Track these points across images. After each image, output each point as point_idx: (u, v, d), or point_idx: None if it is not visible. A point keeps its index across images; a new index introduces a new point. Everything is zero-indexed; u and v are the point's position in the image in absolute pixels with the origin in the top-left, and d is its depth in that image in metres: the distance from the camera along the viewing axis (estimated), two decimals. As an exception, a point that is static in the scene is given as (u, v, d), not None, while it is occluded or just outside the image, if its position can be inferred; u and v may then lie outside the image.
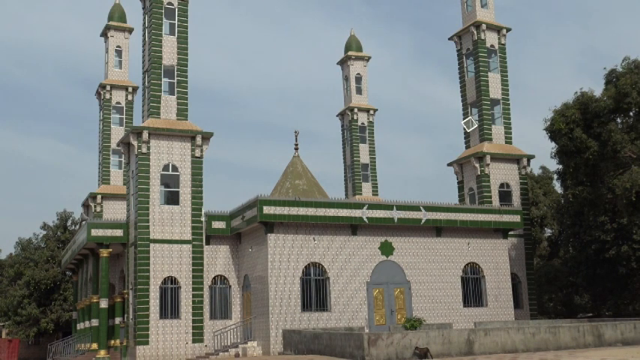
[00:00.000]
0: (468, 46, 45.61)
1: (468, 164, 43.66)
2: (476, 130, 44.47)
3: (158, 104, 36.87)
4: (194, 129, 36.76)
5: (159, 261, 35.09)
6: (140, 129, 35.90)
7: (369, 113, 55.34)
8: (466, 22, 45.91)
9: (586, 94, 39.61)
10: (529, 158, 44.10)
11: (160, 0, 37.63)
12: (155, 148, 35.97)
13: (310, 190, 45.21)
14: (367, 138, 55.04)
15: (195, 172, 36.55)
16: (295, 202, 34.66)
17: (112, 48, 51.10)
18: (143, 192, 35.40)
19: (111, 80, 50.63)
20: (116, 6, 52.33)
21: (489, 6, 45.89)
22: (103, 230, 37.72)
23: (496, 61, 45.26)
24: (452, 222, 37.74)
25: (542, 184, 55.62)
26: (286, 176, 47.39)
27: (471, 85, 45.22)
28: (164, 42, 37.55)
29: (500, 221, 39.25)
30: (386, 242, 36.57)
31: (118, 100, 50.44)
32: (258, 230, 34.99)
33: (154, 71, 37.03)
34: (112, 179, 49.20)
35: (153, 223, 35.33)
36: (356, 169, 53.91)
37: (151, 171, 35.69)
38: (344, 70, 56.73)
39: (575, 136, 38.60)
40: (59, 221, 62.72)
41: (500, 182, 43.17)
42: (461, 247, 38.34)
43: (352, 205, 36.64)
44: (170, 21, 38.04)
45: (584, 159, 38.70)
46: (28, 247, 62.76)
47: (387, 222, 36.27)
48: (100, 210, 47.28)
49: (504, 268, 39.32)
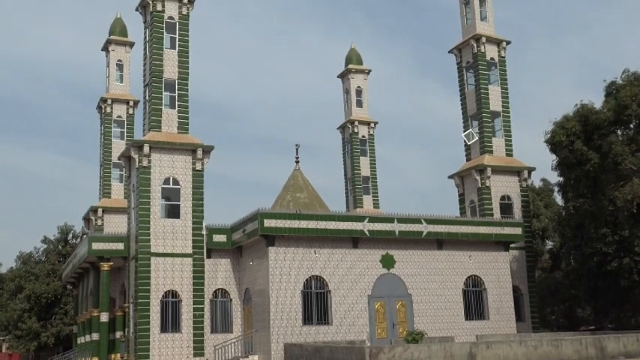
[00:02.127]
0: (468, 59, 45.72)
1: (469, 177, 43.64)
2: (476, 143, 44.49)
3: (159, 118, 36.93)
4: (195, 142, 36.79)
5: (160, 274, 35.02)
6: (141, 142, 35.94)
7: (370, 126, 55.39)
8: (466, 35, 46.05)
9: (586, 106, 39.64)
10: (530, 170, 44.09)
11: (160, 14, 37.79)
12: (156, 162, 35.99)
13: (311, 203, 45.20)
14: (368, 151, 55.08)
15: (196, 186, 36.54)
16: (296, 215, 34.63)
17: (113, 62, 51.27)
18: (144, 205, 35.39)
19: (112, 94, 50.77)
20: (117, 20, 52.53)
21: (489, 19, 46.04)
22: (103, 244, 37.69)
23: (496, 73, 45.35)
24: (453, 235, 37.68)
25: (543, 196, 55.54)
26: (287, 189, 47.41)
27: (471, 98, 45.29)
28: (165, 56, 37.67)
29: (502, 234, 39.17)
30: (387, 255, 36.50)
31: (119, 114, 50.53)
32: (259, 243, 34.94)
33: (154, 85, 37.12)
34: (113, 193, 49.21)
35: (154, 236, 35.29)
36: (357, 181, 53.90)
37: (151, 184, 35.70)
38: (344, 83, 56.86)
39: (575, 149, 38.58)
40: (60, 235, 62.67)
41: (501, 195, 43.12)
42: (462, 260, 38.25)
43: (353, 217, 36.60)
44: (171, 35, 38.17)
45: (584, 171, 38.66)
46: (29, 261, 62.67)
47: (388, 235, 36.22)
48: (100, 223, 47.26)
49: (506, 281, 39.20)
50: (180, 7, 38.25)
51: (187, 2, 38.33)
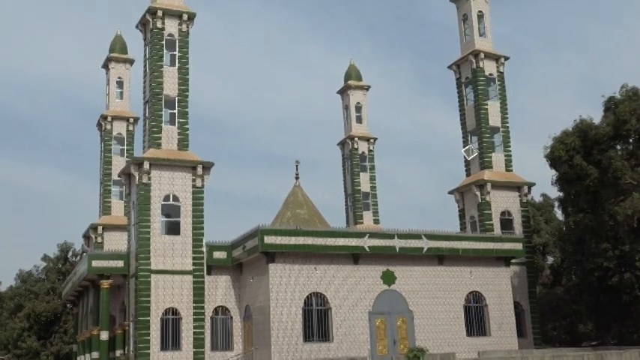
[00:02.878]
0: (467, 74, 45.85)
1: (469, 192, 43.62)
2: (476, 158, 44.51)
3: (159, 135, 36.97)
4: (195, 159, 36.81)
5: (160, 292, 34.89)
6: (141, 159, 35.96)
7: (370, 142, 55.43)
8: (465, 51, 46.22)
9: (585, 121, 39.71)
10: (530, 186, 44.08)
11: (160, 32, 37.95)
12: (156, 179, 35.99)
13: (311, 220, 45.14)
14: (368, 167, 55.08)
15: (196, 202, 36.51)
16: (296, 232, 34.57)
17: (113, 79, 51.40)
18: (144, 222, 35.34)
19: (112, 111, 50.86)
20: (117, 38, 52.74)
21: (487, 35, 46.21)
22: (103, 261, 37.58)
23: (495, 89, 45.46)
24: (454, 250, 37.60)
25: (544, 211, 55.48)
26: (287, 206, 47.37)
27: (470, 113, 45.37)
28: (165, 73, 37.78)
29: (502, 249, 39.10)
30: (388, 271, 36.39)
31: (119, 131, 50.58)
32: (259, 260, 34.85)
33: (154, 102, 37.20)
34: (113, 210, 49.12)
35: (154, 253, 35.21)
36: (357, 197, 53.85)
37: (151, 201, 35.67)
38: (344, 99, 56.97)
39: (575, 164, 38.59)
40: (60, 253, 62.53)
41: (501, 210, 43.07)
42: (463, 276, 38.13)
43: (353, 234, 36.54)
44: (171, 52, 38.32)
45: (584, 186, 38.64)
46: (29, 279, 62.50)
47: (389, 251, 36.14)
48: (100, 241, 47.13)
49: (507, 297, 39.07)
50: (180, 25, 38.42)
51: (187, 19, 38.50)
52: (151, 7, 38.04)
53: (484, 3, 46.55)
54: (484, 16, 46.31)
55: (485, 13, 46.40)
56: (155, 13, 37.88)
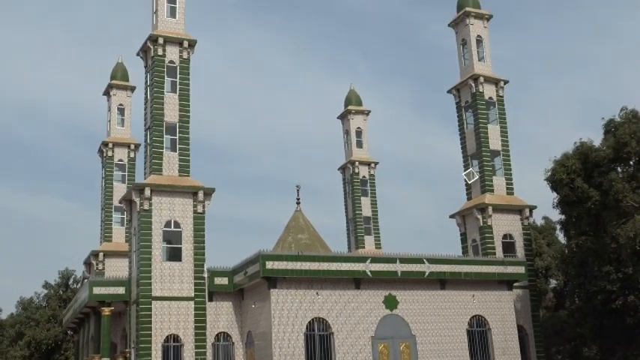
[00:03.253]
0: (466, 98, 46.04)
1: (471, 216, 43.57)
2: (477, 182, 44.52)
3: (160, 161, 37.05)
4: (196, 185, 36.86)
5: (161, 319, 34.72)
6: (142, 186, 36.01)
7: (370, 166, 55.54)
8: (464, 75, 46.45)
9: (585, 144, 39.78)
10: (531, 209, 44.03)
11: (161, 58, 38.20)
12: (157, 205, 35.99)
13: (313, 244, 45.08)
14: (369, 191, 55.10)
15: (198, 228, 36.47)
16: (298, 257, 34.50)
17: (115, 106, 51.69)
18: (145, 249, 35.28)
19: (113, 138, 51.05)
20: (119, 65, 53.12)
21: (486, 59, 46.47)
22: (104, 288, 37.44)
23: (495, 112, 45.60)
24: (456, 274, 37.47)
25: (546, 234, 55.37)
26: (289, 230, 47.33)
27: (470, 137, 45.47)
28: (166, 99, 37.96)
29: (505, 273, 38.97)
30: (390, 296, 36.23)
31: (121, 158, 50.74)
32: (261, 286, 34.72)
33: (155, 128, 37.33)
34: (115, 236, 49.10)
35: (155, 280, 35.10)
36: (358, 222, 53.80)
37: (152, 227, 35.64)
38: (344, 124, 57.19)
39: (576, 186, 38.58)
40: (61, 279, 62.43)
41: (503, 233, 42.97)
42: (466, 300, 37.96)
43: (355, 258, 36.45)
44: (172, 79, 38.52)
45: (586, 209, 38.59)
46: (30, 307, 62.28)
47: (391, 275, 36.02)
48: (102, 267, 47.06)
49: (510, 321, 38.84)
50: (180, 52, 38.68)
51: (188, 46, 38.77)
52: (152, 35, 38.33)
53: (482, 28, 46.89)
54: (483, 40, 46.62)
55: (484, 37, 46.73)
56: (156, 41, 38.17)
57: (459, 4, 47.57)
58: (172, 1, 39.43)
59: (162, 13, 39.06)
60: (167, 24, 38.98)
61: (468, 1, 46.99)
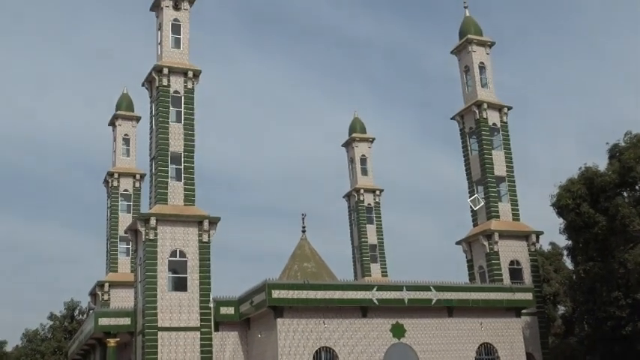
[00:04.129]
0: (470, 125, 46.11)
1: (477, 242, 43.37)
2: (483, 208, 44.38)
3: (165, 191, 37.09)
4: (201, 214, 36.83)
5: (167, 349, 34.46)
6: (147, 215, 36.00)
7: (375, 194, 55.54)
8: (467, 101, 46.58)
9: (590, 169, 39.75)
10: (538, 234, 43.80)
11: (166, 89, 38.44)
12: (162, 234, 35.94)
13: (319, 273, 44.89)
14: (374, 218, 55.02)
15: (203, 258, 36.37)
16: (304, 286, 34.30)
17: (120, 136, 51.94)
18: (151, 279, 35.16)
19: (119, 168, 51.23)
20: (124, 96, 53.50)
21: (489, 86, 46.64)
22: (110, 319, 37.22)
23: (499, 138, 45.63)
24: (463, 302, 37.18)
25: (553, 260, 55.04)
26: (294, 259, 47.17)
27: (475, 163, 45.44)
28: (171, 129, 38.11)
29: (513, 299, 38.66)
30: (397, 324, 35.94)
31: (126, 188, 50.84)
32: (267, 315, 34.50)
33: (160, 158, 37.43)
34: (120, 267, 49.01)
35: (161, 310, 34.91)
36: (364, 250, 53.62)
37: (158, 257, 35.55)
38: (349, 152, 57.31)
39: (582, 212, 38.47)
40: (66, 311, 62.22)
41: (510, 260, 42.72)
42: (474, 328, 37.61)
43: (361, 286, 36.23)
44: (176, 109, 38.71)
45: (593, 234, 38.44)
46: (35, 339, 61.99)
47: (398, 303, 35.76)
48: (107, 298, 46.89)
49: (519, 348, 38.41)
50: (185, 82, 38.93)
51: (192, 76, 39.02)
52: (156, 65, 38.62)
53: (485, 54, 47.14)
54: (486, 67, 46.82)
55: (487, 64, 46.94)
56: (161, 71, 38.44)
57: (461, 31, 47.90)
58: (177, 32, 39.79)
59: (167, 44, 39.40)
60: (172, 55, 39.30)
61: (470, 29, 47.31)
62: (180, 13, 39.95)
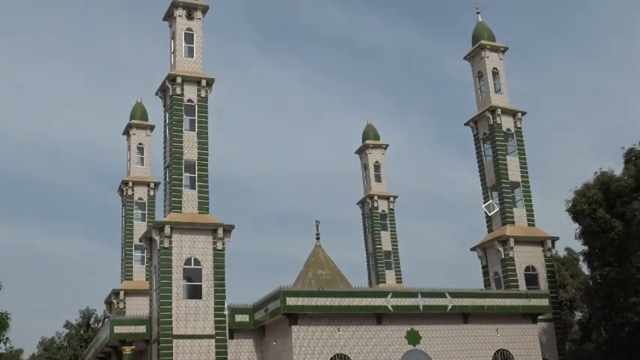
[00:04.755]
0: (484, 130, 45.95)
1: (492, 248, 43.15)
2: (497, 214, 44.17)
3: (179, 199, 37.21)
4: (215, 222, 36.92)
5: (182, 357, 34.51)
6: (162, 224, 36.13)
7: (389, 200, 55.45)
8: (481, 107, 46.44)
9: (606, 173, 39.48)
10: (553, 240, 43.52)
11: (180, 97, 38.61)
12: (177, 243, 36.04)
13: (333, 280, 44.82)
14: (388, 225, 54.92)
15: (217, 265, 36.44)
16: (319, 293, 34.27)
17: (134, 145, 52.22)
18: (165, 287, 35.26)
19: (133, 177, 51.48)
20: (138, 105, 53.82)
21: (503, 91, 46.46)
22: (125, 327, 37.37)
23: (513, 144, 45.43)
24: (479, 308, 37.00)
25: (569, 265, 54.61)
26: (309, 266, 47.15)
27: (489, 169, 45.27)
28: (184, 138, 38.26)
29: (529, 305, 38.42)
30: (412, 331, 35.79)
31: (140, 196, 51.08)
32: (282, 322, 34.48)
33: (174, 167, 37.58)
34: (135, 275, 49.19)
35: (175, 318, 34.99)
36: (378, 256, 53.52)
37: (173, 265, 35.66)
38: (362, 158, 57.29)
39: (598, 217, 38.18)
40: (82, 319, 62.49)
41: (525, 265, 42.47)
42: (490, 334, 37.38)
43: (376, 293, 36.16)
44: (190, 117, 38.87)
45: (609, 239, 38.13)
46: (51, 347, 62.28)
47: (413, 310, 35.64)
48: (122, 306, 47.07)
49: (536, 355, 38.13)
50: (199, 90, 39.09)
51: (206, 85, 39.18)
52: (170, 74, 38.82)
53: (498, 60, 47.00)
54: (499, 72, 46.68)
55: (500, 69, 46.80)
56: (174, 80, 38.64)
57: (474, 37, 47.81)
58: (190, 41, 40.00)
59: (180, 53, 39.61)
60: (185, 63, 39.50)
61: (483, 34, 47.21)
62: (193, 23, 40.17)
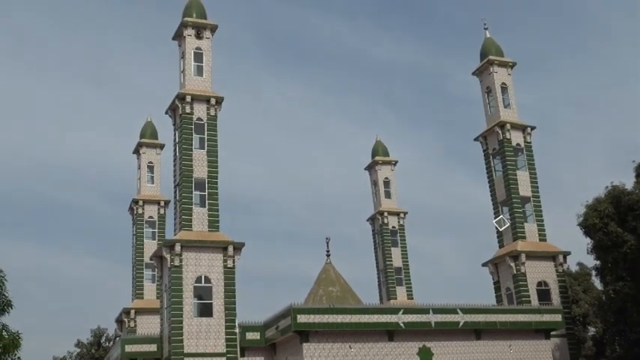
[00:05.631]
0: (494, 145, 45.89)
1: (503, 264, 42.94)
2: (508, 229, 44.00)
3: (190, 217, 37.28)
4: (225, 240, 36.93)
5: (193, 376, 34.42)
6: (172, 242, 36.18)
7: (399, 216, 55.33)
8: (490, 122, 46.42)
9: (617, 187, 39.27)
10: (565, 255, 43.29)
11: (189, 116, 38.81)
12: (187, 261, 36.07)
13: (344, 297, 44.69)
14: (399, 241, 54.76)
15: (228, 283, 36.42)
16: (330, 310, 34.16)
17: (144, 164, 52.42)
18: (176, 305, 35.23)
19: (143, 195, 51.63)
20: (148, 124, 54.10)
21: (512, 106, 46.44)
22: (136, 346, 37.35)
23: (523, 159, 45.33)
24: (491, 324, 36.77)
25: (581, 280, 54.07)
26: (319, 283, 47.04)
27: (499, 184, 45.15)
28: (194, 156, 38.40)
29: (541, 321, 38.17)
30: (424, 347, 35.57)
31: (151, 215, 51.20)
32: (293, 340, 34.35)
33: (184, 185, 37.69)
34: (146, 293, 49.19)
35: (186, 336, 34.93)
36: (389, 273, 53.32)
37: (183, 283, 35.67)
38: (372, 175, 57.28)
39: (610, 231, 37.93)
40: (93, 338, 62.39)
41: (537, 281, 42.22)
42: (502, 350, 37.12)
43: (387, 310, 36.00)
44: (200, 135, 39.04)
45: (622, 253, 37.84)
46: (63, 367, 62.16)
47: (424, 326, 35.45)
48: (133, 325, 47.04)
49: (549, 371, 37.84)
50: (208, 109, 39.28)
51: (215, 103, 39.37)
52: (179, 93, 39.05)
53: (507, 75, 47.03)
54: (508, 87, 46.71)
55: (509, 84, 46.81)
56: (184, 99, 38.86)
57: (482, 52, 47.90)
58: (199, 60, 40.27)
59: (190, 71, 39.88)
60: (194, 82, 39.74)
61: (491, 50, 47.29)
62: (202, 42, 40.47)
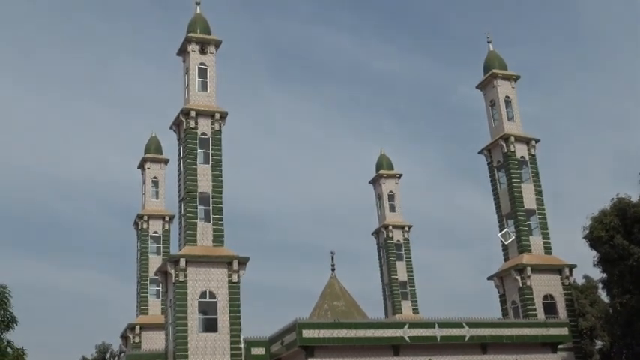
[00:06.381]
0: (498, 158, 45.85)
1: (509, 277, 42.76)
2: (514, 242, 43.86)
3: (194, 232, 37.27)
4: (230, 254, 36.89)
5: (198, 391, 34.27)
6: (177, 257, 36.15)
7: (404, 230, 55.22)
8: (494, 135, 46.40)
9: (623, 199, 39.19)
10: (571, 268, 43.10)
11: (193, 131, 38.88)
12: (192, 276, 36.00)
13: (349, 311, 44.52)
14: (404, 255, 54.62)
15: (233, 298, 36.31)
16: (335, 324, 34.06)
17: (149, 179, 52.54)
18: (181, 320, 35.14)
19: (148, 210, 51.67)
20: (152, 139, 54.25)
21: (516, 119, 46.44)
22: (141, 362, 37.23)
23: (528, 172, 45.26)
24: (497, 338, 36.58)
25: (587, 293, 53.91)
26: (324, 297, 46.89)
27: (504, 197, 45.06)
28: (199, 171, 38.44)
29: (548, 334, 37.98)
30: (430, 362, 35.41)
31: (155, 230, 51.22)
32: (298, 355, 34.23)
33: (189, 200, 37.71)
34: (151, 309, 49.09)
35: (191, 352, 34.79)
36: (394, 287, 53.15)
37: (188, 298, 35.58)
38: (376, 188, 57.24)
39: (616, 243, 37.81)
40: (98, 354, 62.36)
41: (543, 294, 42.00)
42: (509, 364, 36.90)
43: (393, 324, 35.91)
44: (204, 150, 39.09)
45: (628, 266, 37.71)
46: (67, 383, 62.04)
47: (430, 340, 35.29)
48: (138, 340, 46.92)
49: (556, 385, 37.61)
50: (212, 124, 39.36)
51: (219, 118, 39.46)
52: (184, 109, 39.17)
53: (510, 88, 47.07)
54: (511, 100, 46.72)
55: (512, 97, 46.83)
56: (188, 114, 38.95)
57: (485, 66, 47.96)
58: (203, 75, 40.40)
59: (194, 87, 40.01)
60: (198, 97, 39.85)
61: (495, 63, 47.36)
62: (206, 57, 40.63)
